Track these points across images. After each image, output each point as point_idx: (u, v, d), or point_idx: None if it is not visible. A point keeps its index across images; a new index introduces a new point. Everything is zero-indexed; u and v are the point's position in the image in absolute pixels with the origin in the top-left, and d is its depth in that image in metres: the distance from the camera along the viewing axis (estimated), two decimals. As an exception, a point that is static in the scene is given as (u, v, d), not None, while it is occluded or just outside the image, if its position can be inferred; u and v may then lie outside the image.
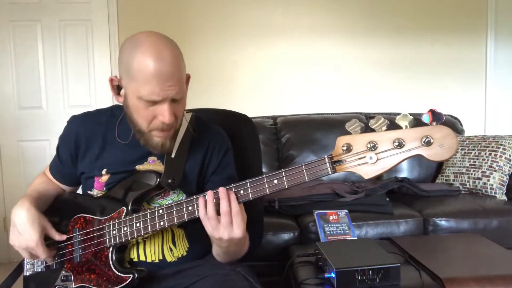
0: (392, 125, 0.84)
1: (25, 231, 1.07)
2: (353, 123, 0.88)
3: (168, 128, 1.05)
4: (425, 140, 0.82)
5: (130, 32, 1.07)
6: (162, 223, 1.03)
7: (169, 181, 1.09)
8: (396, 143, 0.83)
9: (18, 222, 1.08)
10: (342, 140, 0.88)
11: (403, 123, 0.84)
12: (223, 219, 0.94)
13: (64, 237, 1.13)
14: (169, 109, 1.01)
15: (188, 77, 1.10)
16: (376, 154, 0.85)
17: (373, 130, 0.86)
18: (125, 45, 1.03)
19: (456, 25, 3.18)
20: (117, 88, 1.08)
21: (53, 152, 1.27)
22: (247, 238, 1.08)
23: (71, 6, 3.00)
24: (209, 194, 0.97)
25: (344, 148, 0.87)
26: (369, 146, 0.85)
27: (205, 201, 0.97)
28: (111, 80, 1.08)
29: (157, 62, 0.97)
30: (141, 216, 1.05)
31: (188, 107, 1.30)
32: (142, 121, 1.05)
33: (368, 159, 0.85)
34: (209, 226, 0.97)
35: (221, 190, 0.96)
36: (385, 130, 0.85)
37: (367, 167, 0.86)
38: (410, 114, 0.84)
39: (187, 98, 1.10)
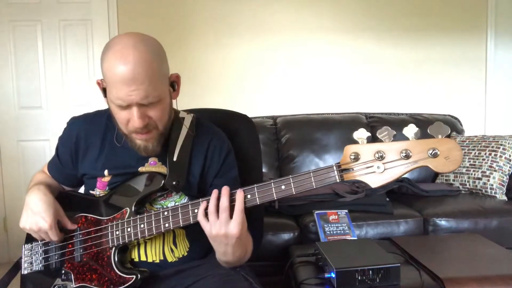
0: (399, 136, 0.87)
1: (40, 213, 1.08)
2: (360, 133, 0.90)
3: (144, 131, 1.03)
4: (431, 152, 0.84)
5: (130, 32, 1.06)
6: (167, 225, 1.03)
7: (174, 182, 1.09)
8: (404, 154, 0.86)
9: (34, 204, 1.09)
10: (350, 149, 0.90)
11: (409, 134, 0.86)
12: (221, 215, 0.95)
13: (75, 226, 1.13)
14: (137, 114, 0.99)
15: (176, 77, 1.09)
16: (383, 163, 0.87)
17: (380, 140, 0.88)
18: (103, 49, 1.03)
19: (456, 24, 3.17)
20: (103, 91, 1.07)
21: (53, 152, 1.27)
22: (249, 242, 1.08)
23: (71, 6, 3.00)
24: (214, 192, 0.98)
25: (352, 157, 0.89)
26: (377, 155, 0.87)
27: (207, 200, 0.98)
28: (98, 83, 1.08)
29: (120, 66, 0.95)
30: (145, 217, 1.05)
31: (188, 107, 1.30)
32: (120, 124, 1.05)
33: (376, 168, 0.88)
34: (207, 224, 0.97)
35: (224, 188, 0.97)
36: (392, 140, 0.87)
37: (375, 176, 0.88)
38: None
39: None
